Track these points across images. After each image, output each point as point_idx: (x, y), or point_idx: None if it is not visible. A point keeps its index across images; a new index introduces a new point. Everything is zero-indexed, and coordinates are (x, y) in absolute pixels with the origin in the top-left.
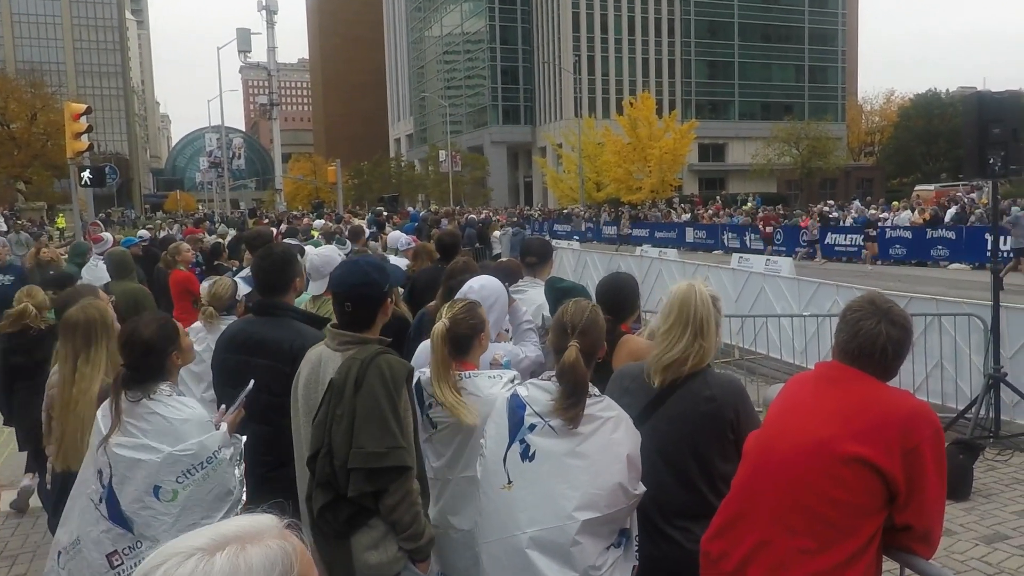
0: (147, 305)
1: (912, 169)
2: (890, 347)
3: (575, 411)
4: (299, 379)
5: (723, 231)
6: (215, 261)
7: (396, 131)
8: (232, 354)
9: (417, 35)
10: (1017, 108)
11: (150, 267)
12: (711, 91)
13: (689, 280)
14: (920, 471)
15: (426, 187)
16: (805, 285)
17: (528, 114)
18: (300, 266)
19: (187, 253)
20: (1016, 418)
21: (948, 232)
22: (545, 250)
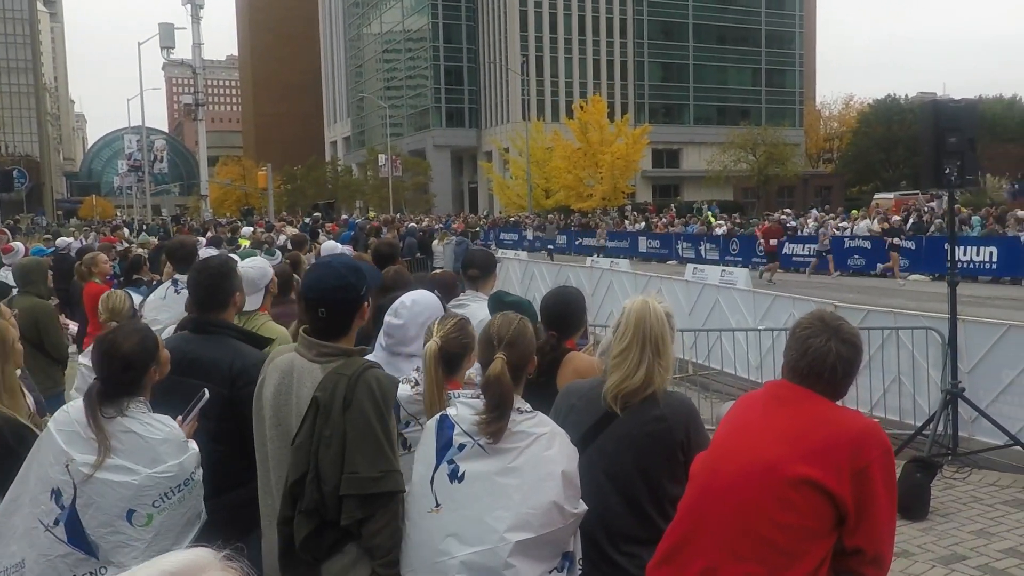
0: (48, 324)
1: (871, 177)
2: (840, 365)
3: (498, 425)
4: (264, 389)
5: (677, 240)
6: (134, 275)
7: (332, 133)
8: None
9: (355, 32)
10: (973, 117)
11: (64, 279)
12: (665, 94)
13: (643, 296)
14: (870, 492)
15: (364, 193)
16: (761, 298)
17: (473, 117)
18: (240, 280)
19: (104, 265)
20: (975, 434)
21: (907, 242)
22: (488, 262)
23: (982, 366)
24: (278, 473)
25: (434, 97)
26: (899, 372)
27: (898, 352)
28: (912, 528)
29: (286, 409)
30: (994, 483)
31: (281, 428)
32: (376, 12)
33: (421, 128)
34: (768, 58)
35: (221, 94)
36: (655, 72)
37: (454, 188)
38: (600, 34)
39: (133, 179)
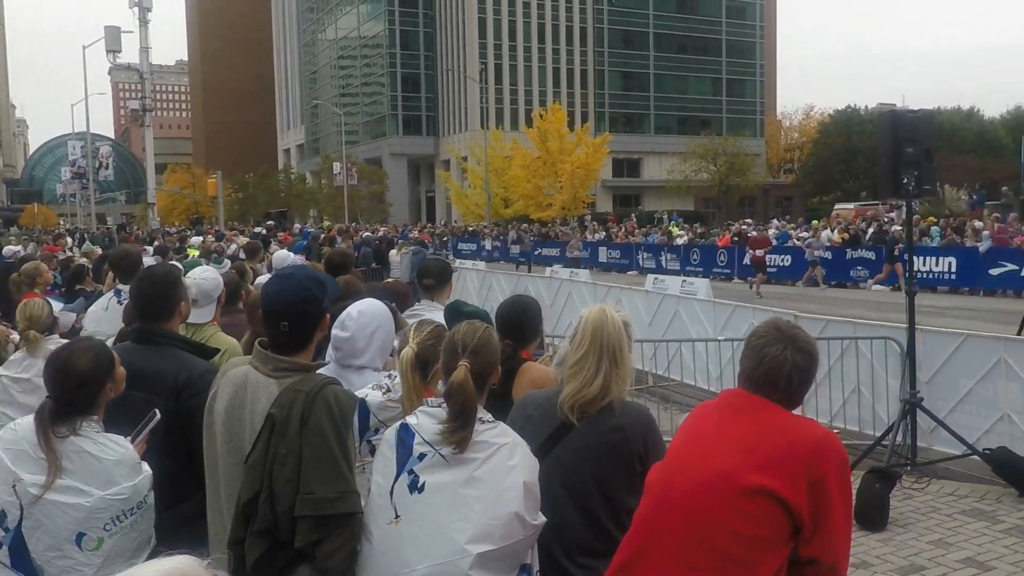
0: None
1: (832, 187)
2: (795, 374)
3: (462, 434)
4: (216, 403)
5: (638, 251)
6: (76, 285)
7: (285, 141)
8: None
9: (309, 38)
10: (931, 128)
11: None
12: (625, 103)
13: (600, 304)
14: (825, 502)
15: (318, 202)
16: (721, 308)
17: (431, 125)
18: (185, 289)
19: (47, 275)
20: (933, 444)
21: (868, 252)
22: (444, 271)
23: (940, 376)
24: (229, 491)
25: (391, 104)
26: (858, 382)
27: (857, 362)
28: (871, 539)
29: (239, 425)
30: (952, 493)
31: (233, 444)
32: (331, 18)
33: (377, 136)
34: (729, 68)
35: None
36: (615, 81)
37: (411, 197)
38: (560, 42)
39: (77, 186)
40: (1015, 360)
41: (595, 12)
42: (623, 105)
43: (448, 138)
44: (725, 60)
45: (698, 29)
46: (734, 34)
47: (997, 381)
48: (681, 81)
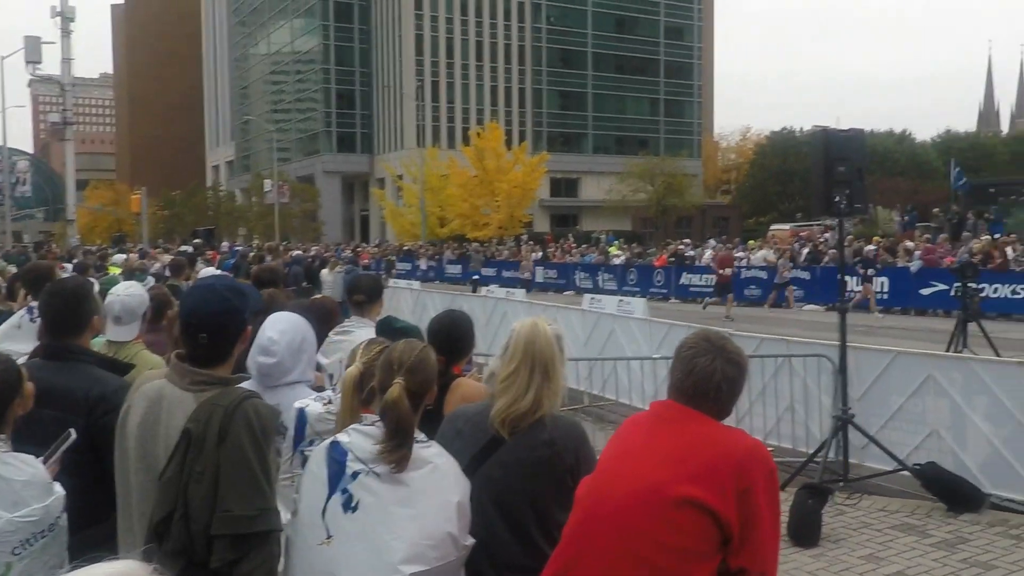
0: None
1: (768, 208)
2: (725, 384)
3: (400, 453)
4: (129, 418)
5: (575, 270)
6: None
7: (215, 157)
8: None
9: (241, 52)
10: (861, 147)
11: None
12: (563, 123)
13: (532, 318)
14: (754, 512)
15: (248, 220)
16: (657, 327)
17: (365, 142)
18: (97, 303)
19: None
20: (865, 461)
21: (803, 272)
22: (375, 287)
23: (872, 393)
24: (141, 509)
25: (324, 121)
26: (792, 400)
27: (791, 380)
28: (804, 555)
29: (153, 441)
30: (883, 508)
31: (147, 461)
32: (264, 32)
33: (310, 153)
34: (667, 88)
35: (93, 114)
36: (553, 100)
37: (345, 216)
38: (498, 60)
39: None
40: (944, 377)
41: (533, 31)
42: (561, 124)
43: (383, 156)
44: (663, 80)
45: (636, 49)
46: (672, 55)
47: (926, 398)
48: (619, 101)
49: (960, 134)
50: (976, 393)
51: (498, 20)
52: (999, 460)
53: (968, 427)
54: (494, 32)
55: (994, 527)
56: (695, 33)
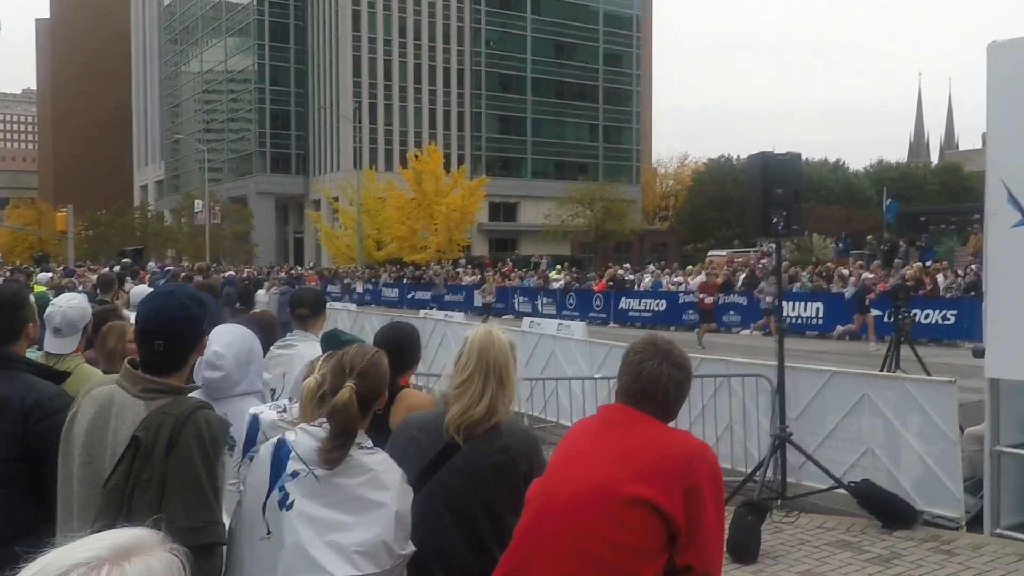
0: None
1: (706, 234)
2: (671, 387)
3: (339, 453)
4: (77, 421)
5: (514, 294)
6: None
7: (143, 176)
8: None
9: (172, 70)
10: (797, 170)
11: None
12: (502, 147)
13: (486, 326)
14: (700, 510)
15: (178, 241)
16: (597, 348)
17: (301, 163)
18: (33, 311)
19: None
20: (802, 479)
21: (740, 298)
22: (318, 301)
23: (808, 412)
24: (84, 516)
25: (258, 141)
26: (731, 419)
27: (730, 400)
28: (743, 571)
29: (100, 447)
30: (820, 525)
31: (92, 467)
32: (196, 50)
33: (243, 174)
34: (605, 115)
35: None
36: (492, 124)
37: (278, 237)
38: (436, 83)
39: None
40: (878, 396)
41: (472, 55)
42: (500, 148)
43: (319, 177)
44: (602, 107)
45: (575, 75)
46: (611, 81)
47: (861, 417)
48: (558, 126)
49: (892, 164)
50: (909, 412)
51: (437, 43)
52: (931, 477)
53: (901, 445)
54: (433, 55)
55: (926, 543)
56: (634, 60)
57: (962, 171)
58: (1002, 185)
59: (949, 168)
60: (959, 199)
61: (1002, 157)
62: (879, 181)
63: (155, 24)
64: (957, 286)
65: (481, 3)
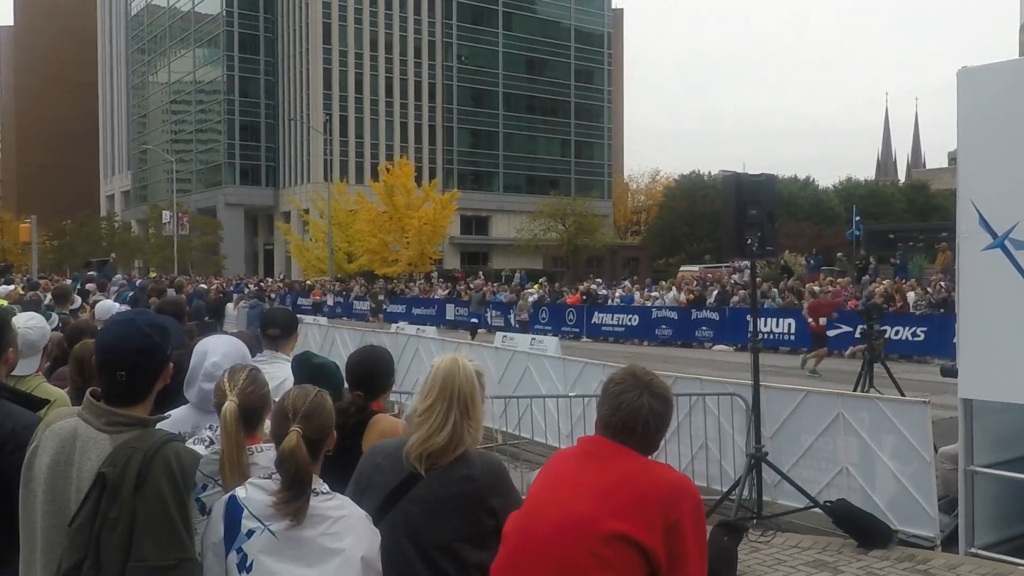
0: None
1: (677, 249)
2: (652, 420)
3: (297, 504)
4: (36, 458)
5: (487, 308)
6: None
7: (109, 187)
8: None
9: (139, 80)
10: (771, 191)
11: None
12: (474, 161)
13: (453, 354)
14: (681, 546)
15: (145, 252)
16: (571, 365)
17: (271, 175)
18: (13, 334)
19: None
20: (778, 498)
21: (712, 313)
22: (290, 322)
23: (784, 431)
24: (48, 556)
25: (227, 153)
26: (706, 438)
27: (705, 418)
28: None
29: (63, 484)
30: (796, 545)
31: (56, 505)
32: (164, 60)
33: (212, 185)
34: (577, 130)
35: None
36: (464, 138)
37: (248, 249)
38: (408, 97)
39: None
40: (852, 416)
41: (444, 69)
42: (472, 162)
43: (289, 189)
44: (574, 122)
45: (547, 91)
46: (582, 97)
47: (836, 436)
48: (530, 141)
49: (860, 182)
50: (883, 432)
51: (408, 57)
52: (906, 496)
53: (876, 464)
54: (404, 69)
55: (902, 562)
56: (605, 77)
57: (929, 189)
58: (973, 208)
59: (916, 186)
60: (926, 216)
61: (973, 180)
62: (848, 198)
63: (122, 33)
64: (926, 303)
65: (453, 18)
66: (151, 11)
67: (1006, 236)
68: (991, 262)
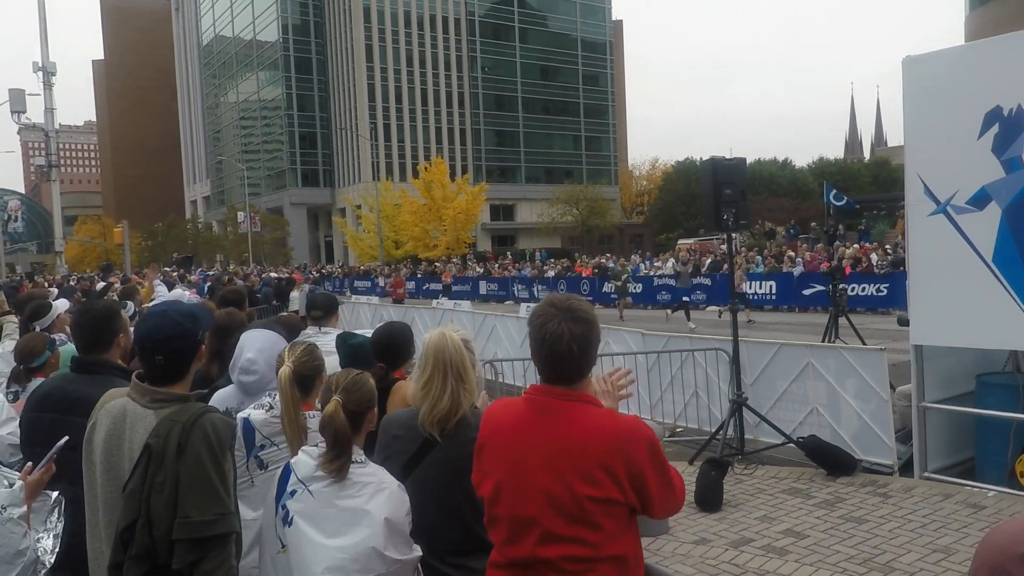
0: None
1: (676, 225)
2: (575, 344)
3: (339, 462)
4: (95, 434)
5: (513, 283)
6: None
7: (192, 193)
8: (45, 412)
9: (212, 101)
10: (743, 172)
11: None
12: (500, 157)
13: (440, 328)
14: (647, 487)
15: (224, 247)
16: None
17: (327, 177)
18: (125, 321)
19: None
20: (758, 436)
21: (705, 279)
22: (329, 303)
23: (762, 379)
24: (108, 518)
25: (290, 160)
26: (696, 387)
27: (695, 371)
28: (709, 519)
29: (118, 455)
30: (774, 476)
31: (112, 474)
32: (232, 83)
33: (278, 188)
34: (587, 127)
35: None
36: (490, 138)
37: (311, 241)
38: (440, 105)
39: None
40: (820, 363)
41: (471, 79)
42: (498, 159)
43: (343, 189)
44: (583, 120)
45: (559, 94)
46: (590, 98)
47: (807, 381)
48: (546, 138)
49: (831, 160)
50: (847, 376)
51: (439, 70)
52: (867, 431)
53: (841, 405)
54: (436, 80)
55: (865, 487)
56: (608, 80)
57: (891, 164)
58: (919, 180)
59: (879, 162)
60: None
61: (919, 156)
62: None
63: (196, 61)
64: (887, 263)
65: (476, 35)
66: (219, 41)
67: (947, 203)
68: (936, 226)
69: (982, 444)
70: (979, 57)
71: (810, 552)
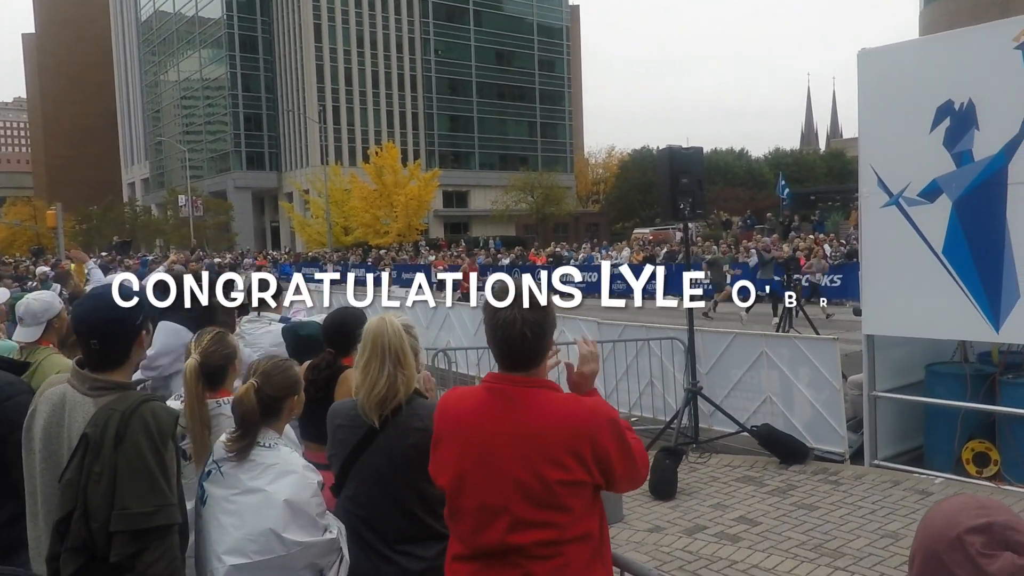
0: None
1: (631, 215)
2: (528, 330)
3: (242, 443)
4: (34, 421)
5: None
6: None
7: (130, 175)
8: None
9: (152, 79)
10: (700, 162)
11: None
12: (453, 143)
13: (382, 314)
14: (612, 466)
15: (164, 232)
16: None
17: (273, 160)
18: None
19: None
20: (712, 425)
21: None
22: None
23: (716, 368)
24: (47, 508)
25: (234, 142)
26: (651, 376)
27: (650, 360)
28: (663, 507)
29: (57, 444)
30: (728, 464)
31: (51, 463)
32: (172, 61)
33: (222, 171)
34: (542, 113)
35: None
36: (443, 123)
37: (256, 227)
38: (392, 88)
39: None
40: (774, 353)
41: (423, 62)
42: (451, 144)
43: (290, 172)
44: (539, 106)
45: (514, 79)
46: (545, 84)
47: (760, 370)
48: (501, 124)
49: (787, 151)
50: (800, 365)
51: (391, 52)
52: (819, 420)
53: (794, 394)
54: (388, 63)
55: (817, 475)
56: (564, 66)
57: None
58: (873, 172)
59: (834, 154)
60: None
61: (873, 148)
62: (776, 166)
63: (134, 37)
64: (841, 254)
65: (429, 16)
66: (159, 16)
67: (899, 195)
68: (888, 217)
69: (930, 432)
70: (932, 51)
71: (762, 539)
